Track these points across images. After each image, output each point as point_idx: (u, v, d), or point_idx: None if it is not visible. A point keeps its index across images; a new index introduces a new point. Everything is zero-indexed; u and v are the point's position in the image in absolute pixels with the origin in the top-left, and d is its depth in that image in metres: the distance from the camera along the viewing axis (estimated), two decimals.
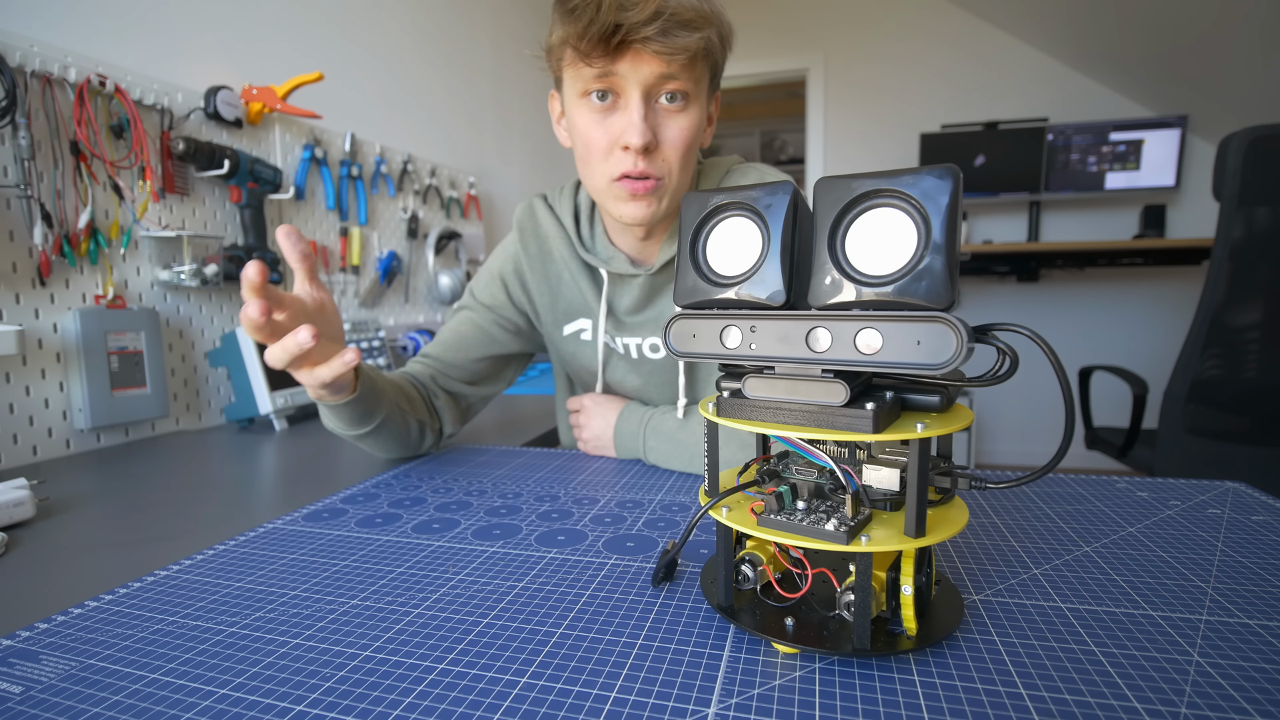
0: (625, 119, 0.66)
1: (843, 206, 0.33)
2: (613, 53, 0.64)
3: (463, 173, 2.06)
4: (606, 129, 0.68)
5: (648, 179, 0.69)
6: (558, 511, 0.60)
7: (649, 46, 0.62)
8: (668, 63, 0.64)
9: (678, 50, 0.63)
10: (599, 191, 0.73)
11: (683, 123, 0.68)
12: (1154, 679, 0.32)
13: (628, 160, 0.68)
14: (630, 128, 0.66)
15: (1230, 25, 2.32)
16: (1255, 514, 0.55)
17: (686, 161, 0.71)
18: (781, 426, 0.34)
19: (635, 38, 0.62)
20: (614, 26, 0.61)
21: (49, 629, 0.41)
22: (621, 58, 0.64)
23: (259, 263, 0.51)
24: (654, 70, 0.64)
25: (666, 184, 0.70)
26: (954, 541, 0.50)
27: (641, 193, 0.69)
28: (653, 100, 0.67)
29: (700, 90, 0.69)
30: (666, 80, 0.66)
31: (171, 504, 0.67)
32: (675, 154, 0.69)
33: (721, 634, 0.38)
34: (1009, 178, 3.12)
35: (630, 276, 0.79)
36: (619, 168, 0.69)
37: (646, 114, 0.66)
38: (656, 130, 0.67)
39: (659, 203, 0.71)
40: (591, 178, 0.73)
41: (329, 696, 0.33)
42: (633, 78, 0.65)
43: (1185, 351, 1.51)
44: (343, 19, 1.58)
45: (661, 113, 0.68)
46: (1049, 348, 0.33)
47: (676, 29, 0.62)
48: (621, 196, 0.71)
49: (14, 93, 0.85)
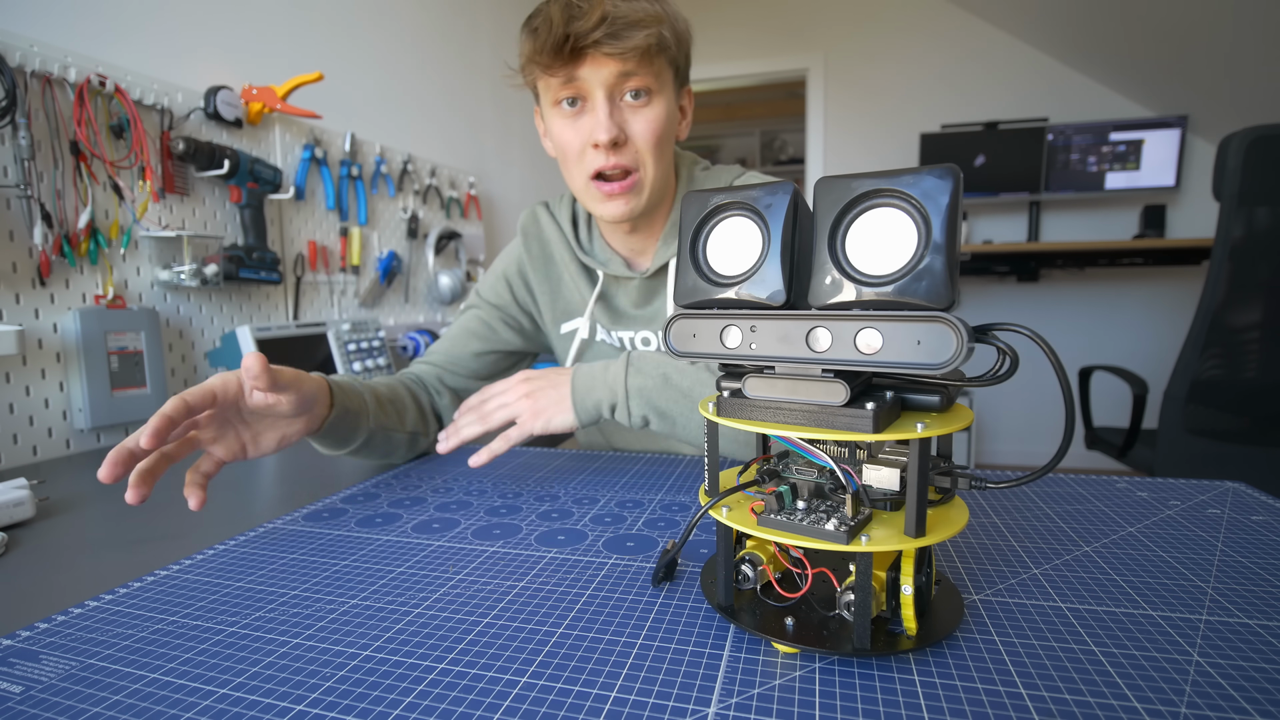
0: (593, 118, 0.71)
1: (843, 206, 0.33)
2: (570, 61, 0.69)
3: (463, 173, 2.06)
4: (578, 130, 0.73)
5: (623, 174, 0.73)
6: (558, 511, 0.60)
7: (600, 49, 0.67)
8: (622, 61, 0.68)
9: (628, 50, 0.67)
10: (580, 193, 0.77)
11: (648, 115, 0.72)
12: (1154, 679, 0.32)
13: (600, 157, 0.72)
14: (597, 125, 0.70)
15: (1230, 25, 2.32)
16: (1255, 514, 0.55)
17: (659, 153, 0.74)
18: (781, 426, 0.34)
19: (585, 43, 0.67)
20: (564, 38, 0.67)
21: (49, 629, 0.41)
22: (580, 64, 0.69)
23: (258, 356, 0.53)
24: (612, 70, 0.69)
25: (642, 177, 0.74)
26: (954, 541, 0.50)
27: (617, 192, 0.74)
28: (617, 99, 0.72)
29: (663, 84, 0.73)
30: (626, 78, 0.70)
31: (171, 504, 0.67)
32: (645, 145, 0.73)
33: (721, 634, 0.38)
34: (1009, 178, 3.12)
35: (626, 279, 0.82)
36: (593, 165, 0.73)
37: (612, 111, 0.71)
38: (624, 126, 0.72)
39: (636, 197, 0.75)
40: (572, 180, 0.77)
41: (329, 696, 0.33)
42: (594, 79, 0.70)
43: (1185, 351, 1.51)
44: (343, 19, 1.58)
45: (627, 109, 0.72)
46: (1049, 348, 0.33)
47: (624, 30, 0.67)
48: (598, 197, 0.75)
49: (14, 93, 0.85)
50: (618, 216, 0.75)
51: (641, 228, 0.81)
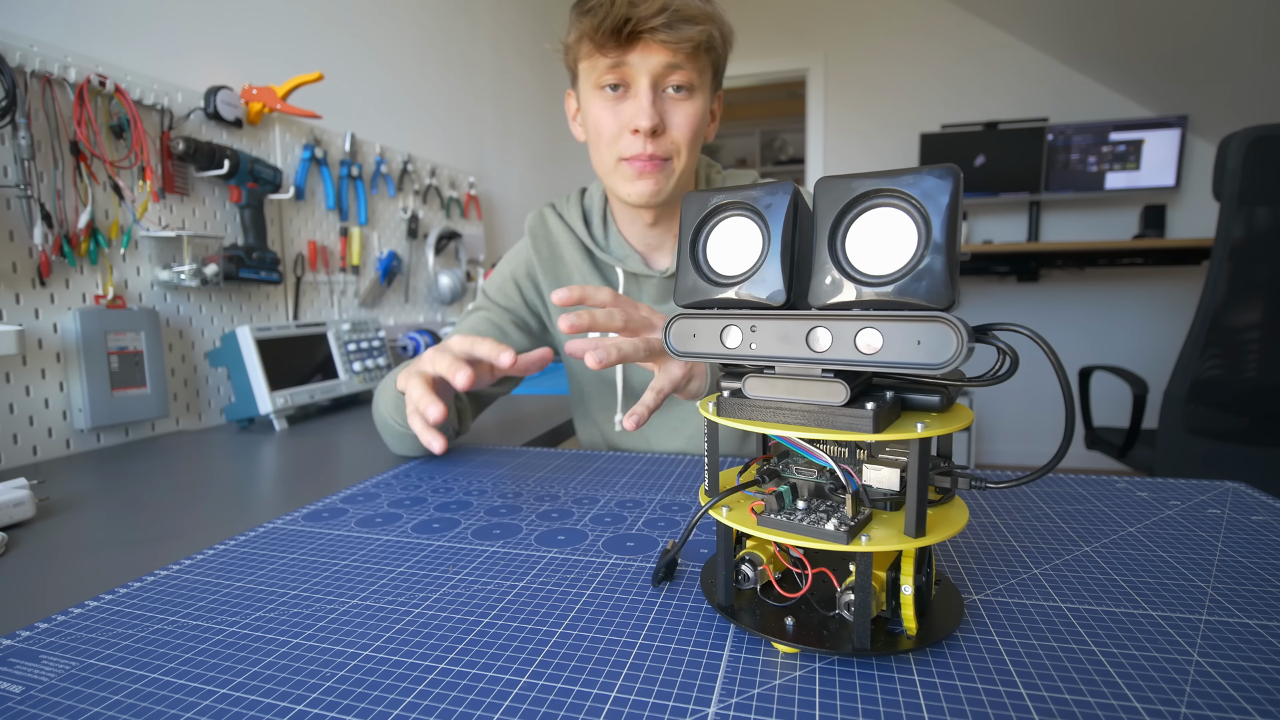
0: (635, 105, 0.73)
1: (843, 206, 0.33)
2: (624, 44, 0.70)
3: (463, 173, 2.06)
4: (617, 115, 0.74)
5: (655, 159, 0.74)
6: (558, 511, 0.60)
7: (656, 37, 0.69)
8: (674, 52, 0.70)
9: (682, 41, 0.69)
10: (607, 173, 0.78)
11: (688, 109, 0.74)
12: (1154, 679, 0.32)
13: (636, 143, 0.73)
14: (640, 112, 0.72)
15: (1230, 25, 2.32)
16: (1255, 514, 0.55)
17: (693, 146, 0.76)
18: (781, 426, 0.34)
19: (644, 28, 0.68)
20: (624, 19, 0.68)
21: (49, 629, 0.41)
22: (632, 48, 0.71)
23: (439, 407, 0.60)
24: (661, 60, 0.71)
25: (675, 164, 0.76)
26: (954, 541, 0.50)
27: (649, 170, 0.75)
28: (660, 89, 0.73)
29: (704, 83, 0.75)
30: (672, 70, 0.72)
31: (171, 504, 0.67)
32: (682, 136, 0.74)
33: (721, 634, 0.38)
34: (1009, 178, 3.12)
35: (645, 277, 0.82)
36: (628, 150, 0.74)
37: (654, 100, 0.72)
38: (664, 115, 0.73)
39: (666, 181, 0.76)
40: (600, 161, 0.78)
41: (329, 696, 0.33)
42: (642, 67, 0.71)
43: (1185, 351, 1.51)
44: (342, 19, 1.58)
45: (668, 101, 0.74)
46: (1049, 348, 0.33)
47: (681, 22, 0.69)
48: (628, 175, 0.76)
49: (14, 93, 0.85)
50: (645, 196, 0.76)
51: (663, 219, 0.82)
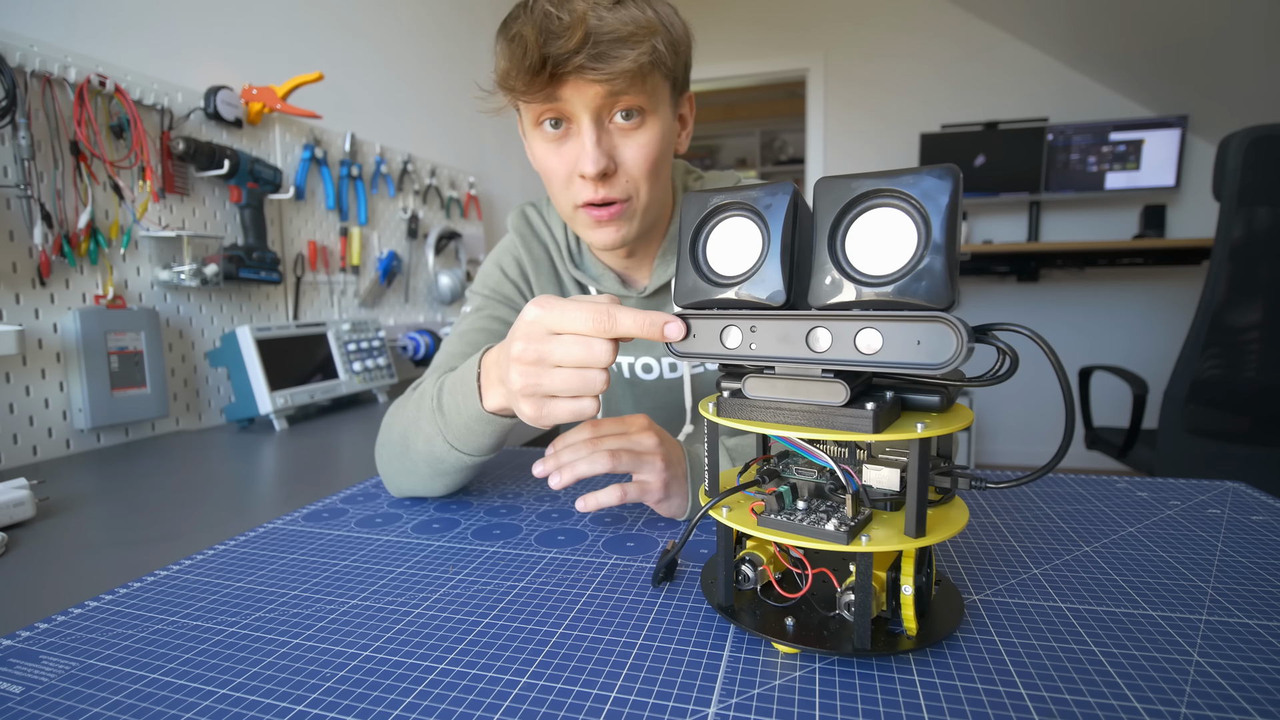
0: (578, 146, 0.62)
1: (843, 206, 0.33)
2: (549, 85, 0.59)
3: (463, 173, 2.06)
4: (563, 158, 0.64)
5: (611, 204, 0.65)
6: (558, 511, 0.60)
7: (584, 75, 0.58)
8: (610, 84, 0.59)
9: (616, 73, 0.58)
10: (568, 219, 0.70)
11: (641, 140, 0.64)
12: (1154, 679, 0.32)
13: (588, 189, 0.64)
14: (584, 156, 0.62)
15: (1230, 25, 2.32)
16: (1255, 514, 0.55)
17: (654, 177, 0.66)
18: (781, 426, 0.34)
19: (566, 69, 0.57)
20: (541, 60, 0.56)
21: (49, 629, 0.41)
22: (562, 86, 0.59)
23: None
24: (598, 93, 0.59)
25: (634, 204, 0.66)
26: (954, 541, 0.50)
27: (606, 219, 0.66)
28: (605, 121, 0.62)
29: (658, 101, 0.64)
30: (615, 100, 0.61)
31: (171, 504, 0.67)
32: (639, 172, 0.64)
33: (721, 634, 0.38)
34: (1009, 178, 3.12)
35: (623, 299, 0.77)
36: (581, 196, 0.65)
37: (600, 138, 0.62)
38: (613, 153, 0.63)
39: (629, 224, 0.68)
40: (559, 206, 0.70)
41: (329, 696, 0.33)
42: (578, 102, 0.60)
43: (1185, 351, 1.51)
44: (343, 19, 1.58)
45: (617, 133, 0.63)
46: (1049, 348, 0.33)
47: (612, 49, 0.57)
48: (588, 224, 0.67)
49: (14, 93, 0.85)
50: (609, 245, 0.68)
51: (638, 250, 0.76)
